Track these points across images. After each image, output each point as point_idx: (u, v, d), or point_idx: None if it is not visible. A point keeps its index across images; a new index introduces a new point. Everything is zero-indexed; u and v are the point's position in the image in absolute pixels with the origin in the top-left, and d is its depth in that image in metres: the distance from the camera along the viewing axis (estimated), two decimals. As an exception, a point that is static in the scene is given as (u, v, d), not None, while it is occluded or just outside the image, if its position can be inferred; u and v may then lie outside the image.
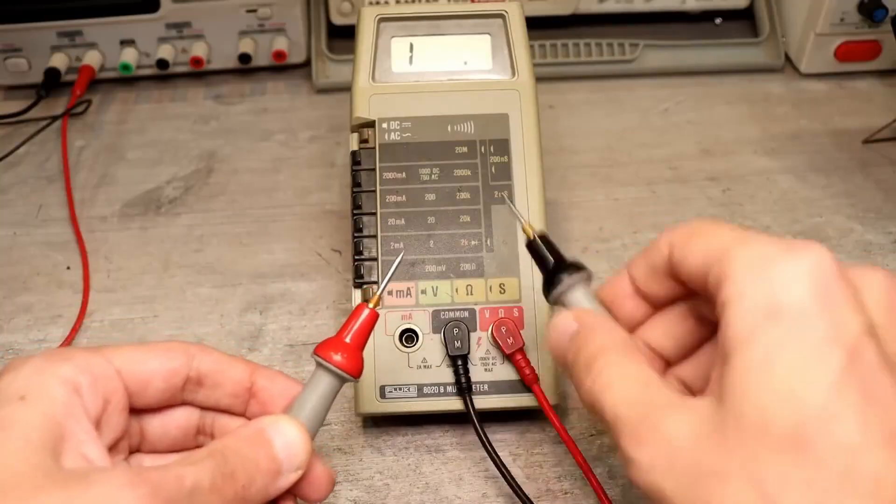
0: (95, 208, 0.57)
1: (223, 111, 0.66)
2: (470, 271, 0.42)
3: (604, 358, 0.29)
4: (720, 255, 0.26)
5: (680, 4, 0.69)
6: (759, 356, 0.24)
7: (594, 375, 0.28)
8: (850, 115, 0.65)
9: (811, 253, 0.25)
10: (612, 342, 0.29)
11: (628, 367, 0.28)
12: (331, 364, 0.30)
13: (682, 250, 0.29)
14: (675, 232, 0.29)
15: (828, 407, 0.23)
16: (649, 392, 0.27)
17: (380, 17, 0.46)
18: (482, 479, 0.41)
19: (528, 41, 0.46)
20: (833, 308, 0.24)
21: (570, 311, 0.32)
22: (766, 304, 0.24)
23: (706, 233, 0.28)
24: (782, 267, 0.25)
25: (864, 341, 0.24)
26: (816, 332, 0.24)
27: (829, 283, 0.24)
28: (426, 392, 0.41)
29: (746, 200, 0.57)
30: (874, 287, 0.26)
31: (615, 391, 0.28)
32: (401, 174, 0.44)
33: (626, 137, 0.63)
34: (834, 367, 0.23)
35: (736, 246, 0.26)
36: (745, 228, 0.27)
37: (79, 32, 0.64)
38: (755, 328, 0.24)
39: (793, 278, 0.24)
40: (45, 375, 0.26)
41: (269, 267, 0.52)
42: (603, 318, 0.31)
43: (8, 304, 0.50)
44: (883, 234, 0.54)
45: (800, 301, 0.24)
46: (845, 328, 0.24)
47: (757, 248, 0.26)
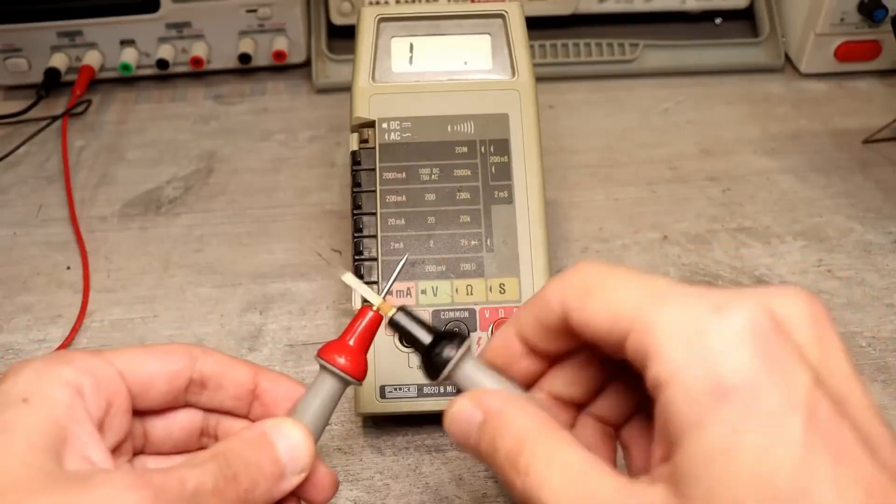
0: (95, 208, 0.57)
1: (223, 111, 0.66)
2: (470, 271, 0.42)
3: (528, 451, 0.25)
4: (635, 319, 0.24)
5: (680, 4, 0.69)
6: (716, 442, 0.22)
7: (523, 472, 0.25)
8: (850, 115, 0.65)
9: (743, 311, 0.23)
10: (531, 426, 0.26)
11: (560, 456, 0.25)
12: (334, 367, 0.30)
13: (581, 313, 0.26)
14: (566, 287, 0.26)
15: (799, 486, 0.21)
16: (591, 482, 0.24)
17: (380, 17, 0.46)
18: (482, 479, 0.41)
19: (528, 41, 0.46)
20: (779, 368, 0.22)
21: (467, 396, 0.28)
22: (710, 384, 0.22)
23: (605, 288, 0.25)
24: (716, 334, 0.23)
25: (815, 395, 0.22)
26: (770, 403, 0.22)
27: (768, 341, 0.23)
28: (426, 392, 0.41)
29: (746, 200, 0.57)
30: (801, 321, 0.24)
31: (553, 489, 0.24)
32: (401, 174, 0.44)
33: (626, 137, 0.63)
34: (796, 440, 0.21)
35: (653, 308, 0.24)
36: (648, 277, 0.25)
37: (79, 32, 0.64)
38: (704, 411, 0.22)
39: (731, 346, 0.22)
40: (47, 378, 0.26)
41: (269, 267, 0.52)
42: (508, 397, 0.28)
43: (8, 304, 0.50)
44: (883, 234, 0.54)
45: (745, 371, 0.22)
46: (796, 388, 0.22)
47: (680, 312, 0.23)
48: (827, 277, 0.51)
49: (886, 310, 0.49)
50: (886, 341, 0.47)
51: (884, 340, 0.47)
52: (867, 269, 0.52)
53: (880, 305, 0.50)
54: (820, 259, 0.53)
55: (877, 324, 0.48)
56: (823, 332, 0.24)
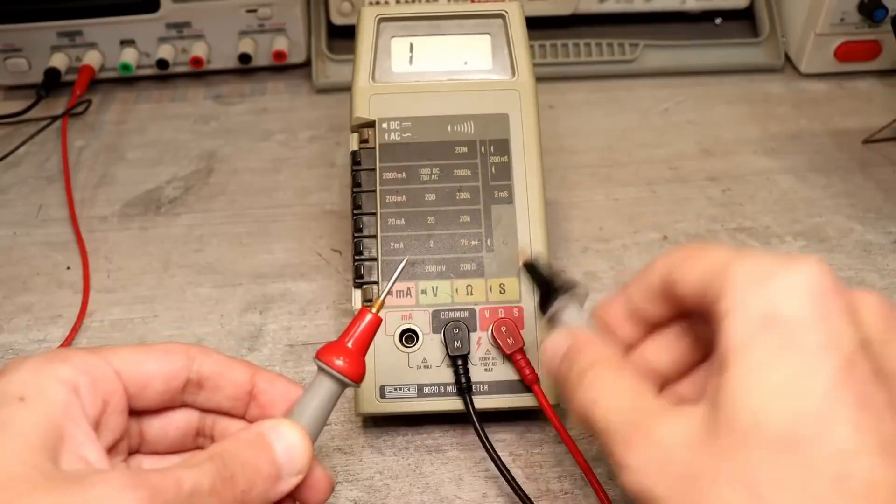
0: (95, 208, 0.57)
1: (223, 111, 0.66)
2: (470, 271, 0.42)
3: (594, 371, 0.29)
4: (718, 272, 0.27)
5: (680, 4, 0.69)
6: (755, 362, 0.24)
7: (585, 388, 0.29)
8: (850, 115, 0.65)
9: (809, 266, 0.25)
10: (603, 356, 0.30)
11: (619, 379, 0.29)
12: (332, 369, 0.30)
13: (679, 271, 0.29)
14: (672, 255, 0.30)
15: (822, 411, 0.23)
16: (641, 401, 0.27)
17: (380, 17, 0.46)
18: (482, 479, 0.41)
19: (528, 41, 0.46)
20: (829, 319, 0.25)
21: (563, 330, 0.32)
22: (763, 313, 0.25)
23: (703, 254, 0.28)
24: (779, 279, 0.25)
25: (858, 354, 0.24)
26: (812, 341, 0.24)
27: (825, 296, 0.25)
28: (426, 392, 0.41)
29: (746, 200, 0.57)
30: (870, 306, 0.26)
31: (606, 401, 0.28)
32: (401, 174, 0.44)
33: (626, 137, 0.63)
34: (829, 374, 0.24)
35: (733, 262, 0.27)
36: (740, 248, 0.28)
37: (79, 32, 0.64)
38: (752, 336, 0.25)
39: (790, 289, 0.25)
40: (43, 376, 0.26)
41: (269, 267, 0.52)
42: (593, 337, 0.31)
43: (8, 304, 0.50)
44: (883, 234, 0.54)
45: (797, 311, 0.25)
46: (840, 339, 0.24)
47: (754, 263, 0.26)
48: (827, 277, 0.51)
49: (886, 310, 0.49)
50: (886, 341, 0.47)
51: (884, 340, 0.47)
52: (867, 269, 0.52)
53: (880, 305, 0.50)
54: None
55: (877, 324, 0.48)
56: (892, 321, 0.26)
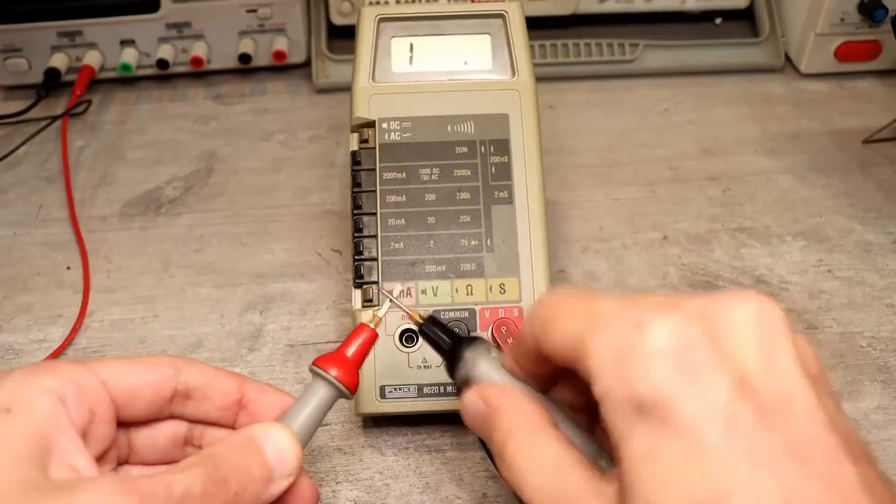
0: (95, 208, 0.57)
1: (223, 111, 0.66)
2: (470, 271, 0.42)
3: (512, 444, 0.28)
4: (577, 348, 0.26)
5: (680, 4, 0.69)
6: (639, 454, 0.24)
7: (507, 463, 0.28)
8: (850, 115, 0.65)
9: (658, 328, 0.24)
10: (519, 423, 0.29)
11: (537, 453, 0.28)
12: (329, 376, 0.31)
13: (544, 342, 0.28)
14: (533, 321, 0.29)
15: (716, 491, 0.22)
16: (561, 481, 0.27)
17: (380, 17, 0.46)
18: (482, 479, 0.41)
19: (528, 41, 0.46)
20: (695, 380, 0.23)
21: (475, 389, 0.31)
22: (629, 400, 0.24)
23: (558, 320, 0.27)
24: (634, 353, 0.24)
25: (735, 405, 0.23)
26: (685, 415, 0.23)
27: (684, 353, 0.24)
28: (426, 392, 0.41)
29: (746, 200, 0.57)
30: (740, 328, 0.25)
31: (529, 480, 0.27)
32: (401, 174, 0.44)
33: (626, 137, 0.63)
34: (713, 446, 0.23)
35: (588, 336, 0.26)
36: (593, 302, 0.27)
37: (79, 32, 0.64)
38: (629, 426, 0.24)
39: (647, 363, 0.24)
40: (29, 387, 0.26)
41: (269, 267, 0.52)
42: (509, 392, 0.30)
43: (8, 304, 0.50)
44: (883, 234, 0.54)
45: (659, 386, 0.24)
46: (714, 398, 0.23)
47: (608, 336, 0.25)
48: (827, 277, 0.51)
49: (886, 310, 0.49)
50: (886, 341, 0.47)
51: (884, 340, 0.47)
52: (867, 269, 0.52)
53: (880, 305, 0.50)
54: (820, 259, 0.53)
55: (877, 324, 0.48)
56: (769, 336, 0.25)
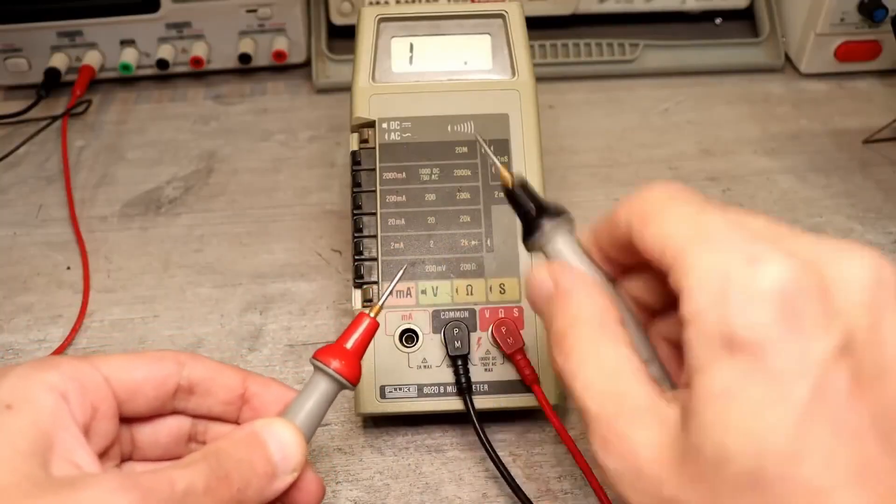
0: (95, 208, 0.57)
1: (223, 111, 0.66)
2: (470, 271, 0.42)
3: (575, 335, 0.27)
4: (676, 255, 0.24)
5: (680, 4, 0.69)
6: (718, 389, 0.23)
7: (565, 354, 0.27)
8: (850, 115, 0.65)
9: (772, 267, 0.23)
10: (586, 314, 0.27)
11: (600, 350, 0.26)
12: (329, 369, 0.31)
13: (639, 235, 0.26)
14: (632, 208, 0.27)
15: (790, 447, 0.21)
16: (620, 386, 0.25)
17: (380, 17, 0.46)
18: (482, 479, 0.41)
19: (528, 41, 0.46)
20: (797, 333, 0.22)
21: (547, 266, 0.29)
22: (723, 334, 0.23)
23: (661, 217, 0.26)
24: (740, 287, 0.23)
25: (831, 368, 0.22)
26: (777, 365, 0.22)
27: (793, 303, 0.22)
28: (426, 392, 0.41)
29: (746, 200, 0.57)
30: (853, 285, 0.23)
31: (585, 379, 0.26)
32: (401, 174, 0.44)
33: (626, 137, 0.63)
34: (796, 404, 0.21)
35: (690, 251, 0.24)
36: (704, 212, 0.25)
37: (79, 32, 0.64)
38: (714, 358, 0.23)
39: (751, 302, 0.22)
40: (31, 383, 0.26)
41: (269, 267, 0.52)
42: (580, 278, 0.28)
43: (8, 304, 0.50)
44: (883, 234, 0.54)
45: (759, 329, 0.22)
46: (810, 356, 0.22)
47: (713, 259, 0.24)
48: (827, 277, 0.51)
49: (886, 310, 0.49)
50: (886, 341, 0.47)
51: (884, 340, 0.47)
52: (867, 269, 0.52)
53: (880, 305, 0.50)
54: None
55: (877, 324, 0.48)
56: (880, 301, 0.23)
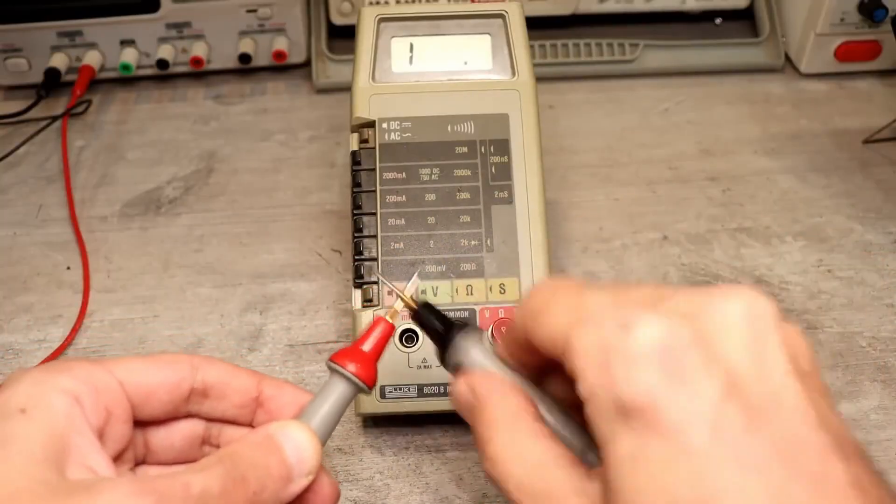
0: (95, 208, 0.57)
1: (223, 111, 0.66)
2: (470, 271, 0.42)
3: (495, 439, 0.28)
4: (563, 342, 0.25)
5: (680, 4, 0.69)
6: (624, 457, 0.23)
7: (491, 458, 0.28)
8: (850, 115, 0.65)
9: (645, 329, 0.23)
10: (502, 417, 0.28)
11: (520, 446, 0.27)
12: (347, 371, 0.30)
13: (532, 332, 0.27)
14: (524, 311, 0.28)
15: (702, 495, 0.22)
16: (545, 478, 0.26)
17: (380, 17, 0.46)
18: (482, 479, 0.41)
19: (528, 41, 0.46)
20: (682, 384, 0.23)
21: (463, 377, 0.30)
22: (615, 404, 0.23)
23: (546, 312, 0.27)
24: (619, 353, 0.24)
25: (722, 409, 0.22)
26: (671, 419, 0.22)
27: (672, 356, 0.23)
28: (426, 392, 0.41)
29: (746, 200, 0.57)
30: (729, 327, 0.24)
31: (513, 479, 0.27)
32: (401, 174, 0.44)
33: (626, 137, 0.63)
34: (698, 452, 0.22)
35: (573, 334, 0.25)
36: (583, 296, 0.26)
37: (79, 32, 0.64)
38: (613, 429, 0.24)
39: (632, 364, 0.23)
40: (45, 387, 0.26)
41: (269, 267, 0.52)
42: (496, 382, 0.29)
43: (8, 304, 0.50)
44: (883, 234, 0.54)
45: (645, 390, 0.23)
46: (700, 402, 0.22)
47: (594, 335, 0.24)
48: (827, 277, 0.51)
49: (886, 310, 0.49)
50: (886, 341, 0.47)
51: (884, 340, 0.47)
52: (867, 269, 0.52)
53: (880, 305, 0.50)
54: (820, 259, 0.53)
55: (877, 324, 0.48)
56: (758, 334, 0.24)
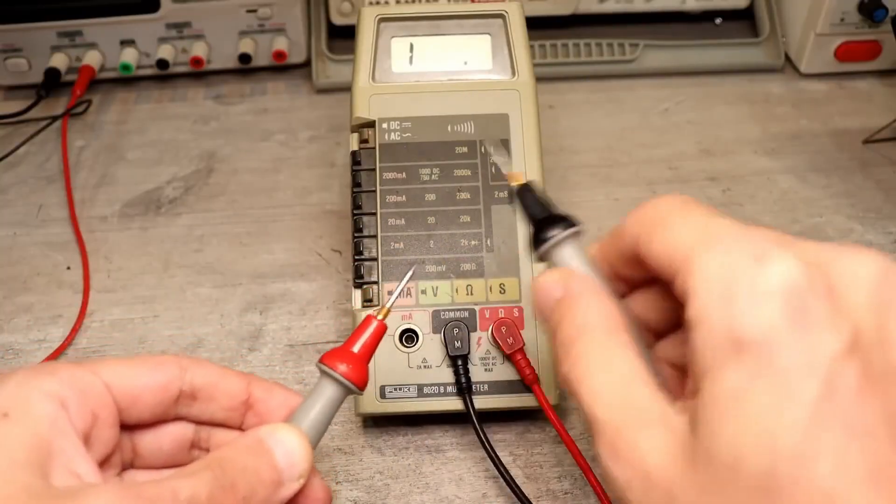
0: (95, 208, 0.57)
1: (223, 111, 0.66)
2: (470, 271, 0.42)
3: (584, 340, 0.26)
4: (683, 259, 0.24)
5: (680, 4, 0.69)
6: (727, 391, 0.22)
7: (573, 360, 0.26)
8: (850, 115, 0.65)
9: (780, 265, 0.23)
10: (596, 320, 0.27)
11: (609, 356, 0.26)
12: (336, 374, 0.30)
13: (646, 244, 0.26)
14: (639, 220, 0.27)
15: (801, 448, 0.21)
16: (629, 394, 0.25)
17: (380, 17, 0.46)
18: (482, 479, 0.41)
19: (528, 41, 0.46)
20: (805, 330, 0.22)
21: (558, 271, 0.29)
22: (730, 334, 0.22)
23: (669, 225, 0.26)
24: (748, 286, 0.23)
25: (840, 366, 0.22)
26: (786, 364, 0.22)
27: (801, 301, 0.22)
28: (426, 392, 0.41)
29: (746, 200, 0.57)
30: (859, 284, 0.23)
31: (593, 386, 0.25)
32: (401, 174, 0.44)
33: (626, 137, 0.63)
34: (806, 404, 0.21)
35: (698, 252, 0.24)
36: (712, 218, 0.25)
37: (79, 32, 0.64)
38: (721, 360, 0.23)
39: (759, 300, 0.22)
40: (28, 390, 0.25)
41: (269, 267, 0.52)
42: (590, 285, 0.28)
43: (8, 304, 0.50)
44: (883, 234, 0.54)
45: (766, 328, 0.22)
46: (819, 354, 0.22)
47: (721, 259, 0.24)
48: (827, 277, 0.51)
49: (886, 310, 0.49)
50: (886, 341, 0.47)
51: (884, 340, 0.47)
52: (867, 269, 0.52)
53: (880, 305, 0.49)
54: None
55: (877, 324, 0.48)
56: (888, 298, 0.22)
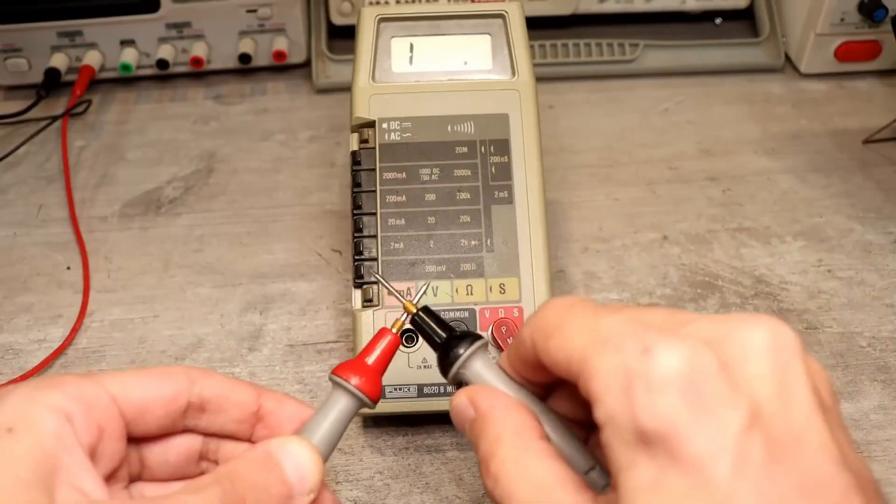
0: (95, 208, 0.57)
1: (223, 111, 0.66)
2: (470, 271, 0.42)
3: (500, 455, 0.27)
4: (579, 363, 0.25)
5: (680, 4, 0.69)
6: (643, 485, 0.23)
7: (493, 475, 0.27)
8: (850, 115, 0.65)
9: (667, 355, 0.23)
10: (508, 432, 0.27)
11: (525, 466, 0.26)
12: (350, 385, 0.29)
13: (544, 351, 0.26)
14: (534, 327, 0.27)
15: None
16: (550, 497, 0.25)
17: (380, 17, 0.46)
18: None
19: (528, 41, 0.46)
20: (705, 413, 0.22)
21: (464, 391, 0.29)
22: (636, 430, 0.23)
23: (561, 331, 0.26)
24: (642, 381, 0.23)
25: (746, 440, 0.22)
26: (694, 450, 0.22)
27: (694, 385, 0.22)
28: (426, 392, 0.41)
29: (746, 200, 0.57)
30: (753, 355, 0.23)
31: (515, 496, 0.26)
32: (401, 174, 0.44)
33: (626, 137, 0.63)
34: (719, 485, 0.22)
35: (590, 356, 0.24)
36: (600, 318, 0.25)
37: (79, 32, 0.64)
38: (632, 455, 0.23)
39: (654, 393, 0.23)
40: (33, 404, 0.25)
41: (269, 267, 0.52)
42: (499, 399, 0.29)
43: (8, 304, 0.50)
44: (883, 234, 0.54)
45: (668, 419, 0.22)
46: (723, 433, 0.22)
47: (612, 359, 0.24)
48: (827, 277, 0.51)
49: (886, 310, 0.49)
50: (886, 341, 0.47)
51: (884, 340, 0.47)
52: (867, 269, 0.52)
53: (880, 305, 0.50)
54: (820, 259, 0.53)
55: (877, 324, 0.48)
56: (783, 364, 0.23)
